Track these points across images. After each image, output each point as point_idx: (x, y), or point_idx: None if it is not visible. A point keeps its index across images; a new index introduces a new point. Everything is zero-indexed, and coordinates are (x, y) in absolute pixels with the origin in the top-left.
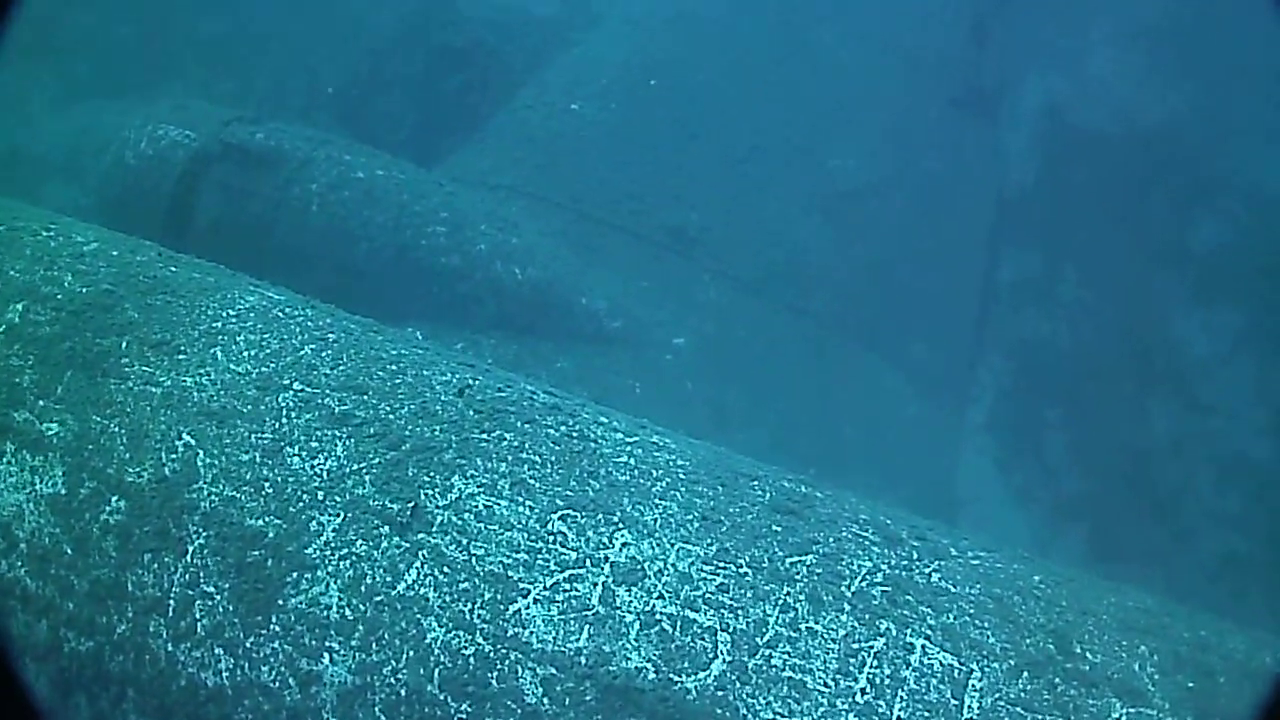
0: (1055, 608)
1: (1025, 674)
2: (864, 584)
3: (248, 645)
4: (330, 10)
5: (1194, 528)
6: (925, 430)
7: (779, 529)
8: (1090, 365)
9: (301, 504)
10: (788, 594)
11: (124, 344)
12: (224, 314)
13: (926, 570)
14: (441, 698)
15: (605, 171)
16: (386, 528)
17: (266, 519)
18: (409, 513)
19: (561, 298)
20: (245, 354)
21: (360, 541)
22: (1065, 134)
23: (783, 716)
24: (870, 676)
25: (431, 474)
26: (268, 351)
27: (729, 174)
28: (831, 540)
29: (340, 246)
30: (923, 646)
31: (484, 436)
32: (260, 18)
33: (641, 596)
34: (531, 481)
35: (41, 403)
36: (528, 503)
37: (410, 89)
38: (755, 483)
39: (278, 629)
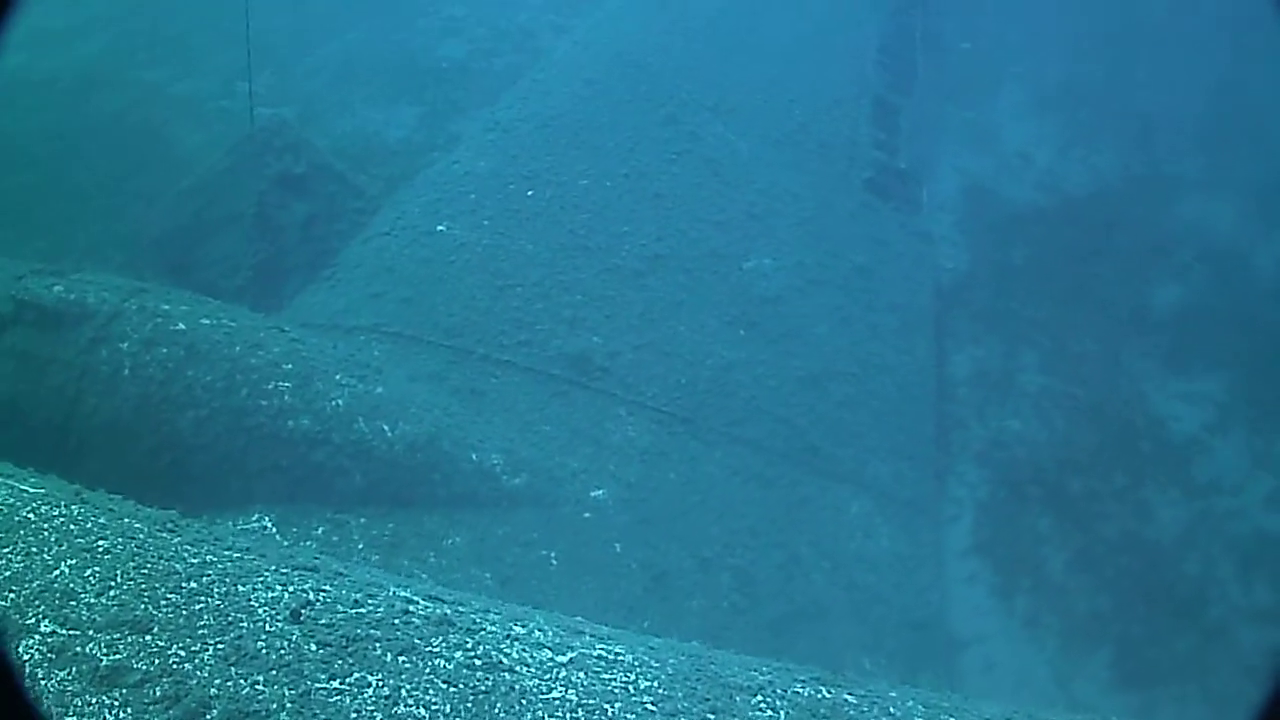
0: None
1: None
2: None
3: None
4: (154, 150)
5: (1225, 625)
6: (905, 565)
7: None
8: (1072, 460)
9: None
10: None
11: None
12: None
13: None
14: None
15: (485, 299)
16: None
17: None
18: None
19: (445, 456)
20: None
21: None
22: (994, 212)
23: None
24: None
25: None
26: (5, 576)
27: (632, 289)
28: None
29: (161, 416)
30: None
31: (334, 686)
32: (76, 167)
33: None
34: None
35: None
36: None
37: (249, 226)
38: (759, 699)
39: None
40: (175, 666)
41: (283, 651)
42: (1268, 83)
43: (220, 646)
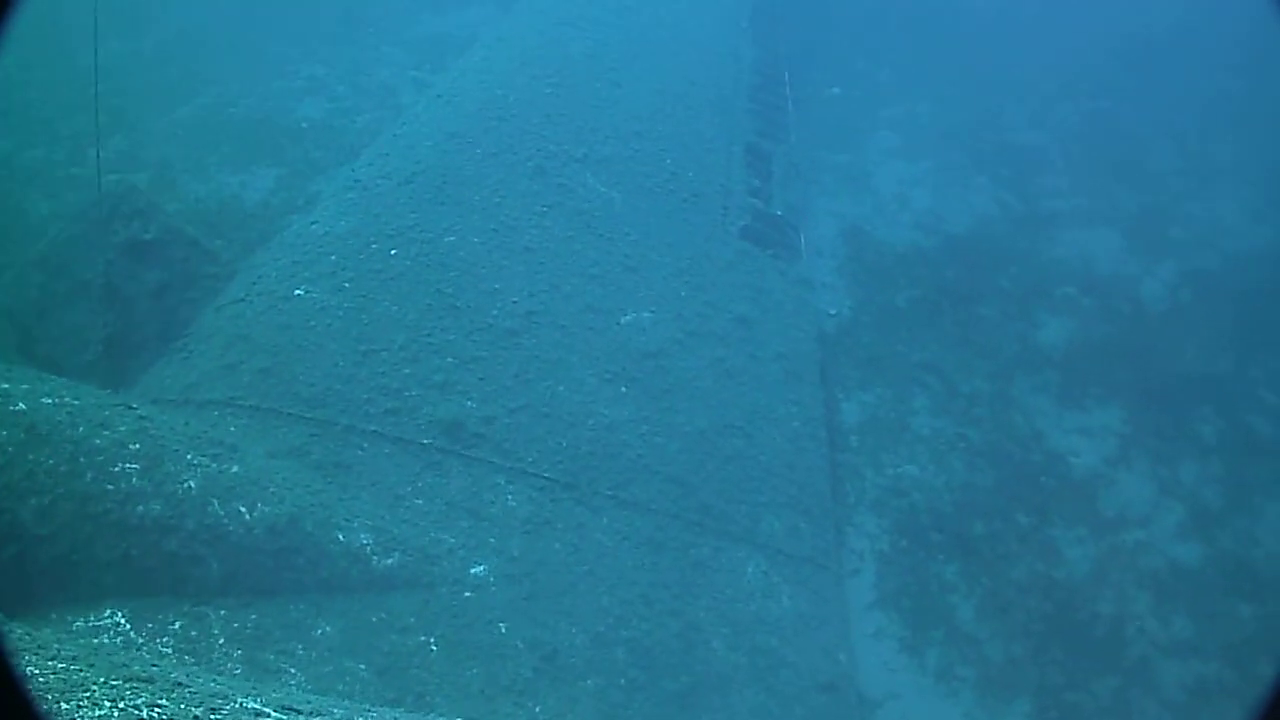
0: None
1: None
2: None
3: None
4: (1, 221)
5: (1147, 663)
6: (808, 624)
7: None
8: (973, 503)
9: None
10: None
11: None
12: None
13: None
14: None
15: (348, 366)
16: None
17: None
18: None
19: (309, 538)
20: None
21: None
22: (874, 255)
23: None
24: None
25: None
26: None
27: (505, 349)
28: None
29: (1, 504)
30: None
31: None
32: None
33: None
34: None
35: None
36: None
37: (96, 297)
38: None
39: None
40: None
41: None
42: (1137, 114)
43: None
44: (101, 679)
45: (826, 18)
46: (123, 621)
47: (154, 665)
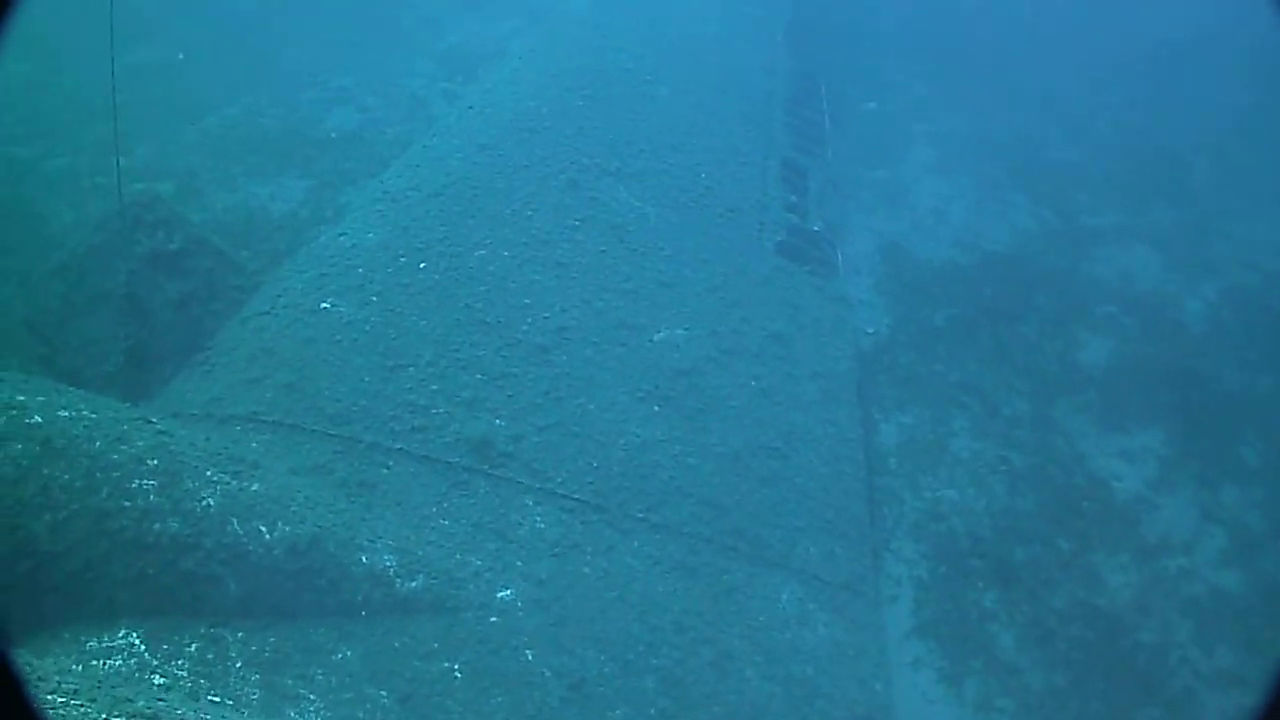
0: None
1: None
2: None
3: None
4: (25, 229)
5: (1190, 694)
6: (844, 653)
7: None
8: (1013, 528)
9: None
10: None
11: None
12: None
13: None
14: None
15: (374, 381)
16: None
17: None
18: None
19: (331, 559)
20: None
21: None
22: (912, 272)
23: None
24: None
25: None
26: None
27: (535, 366)
28: None
29: (14, 520)
30: None
31: None
32: None
33: None
34: None
35: None
36: None
37: (118, 307)
38: None
39: None
40: None
41: None
42: (1175, 128)
43: None
44: (103, 716)
45: (861, 32)
46: (137, 642)
47: (160, 700)
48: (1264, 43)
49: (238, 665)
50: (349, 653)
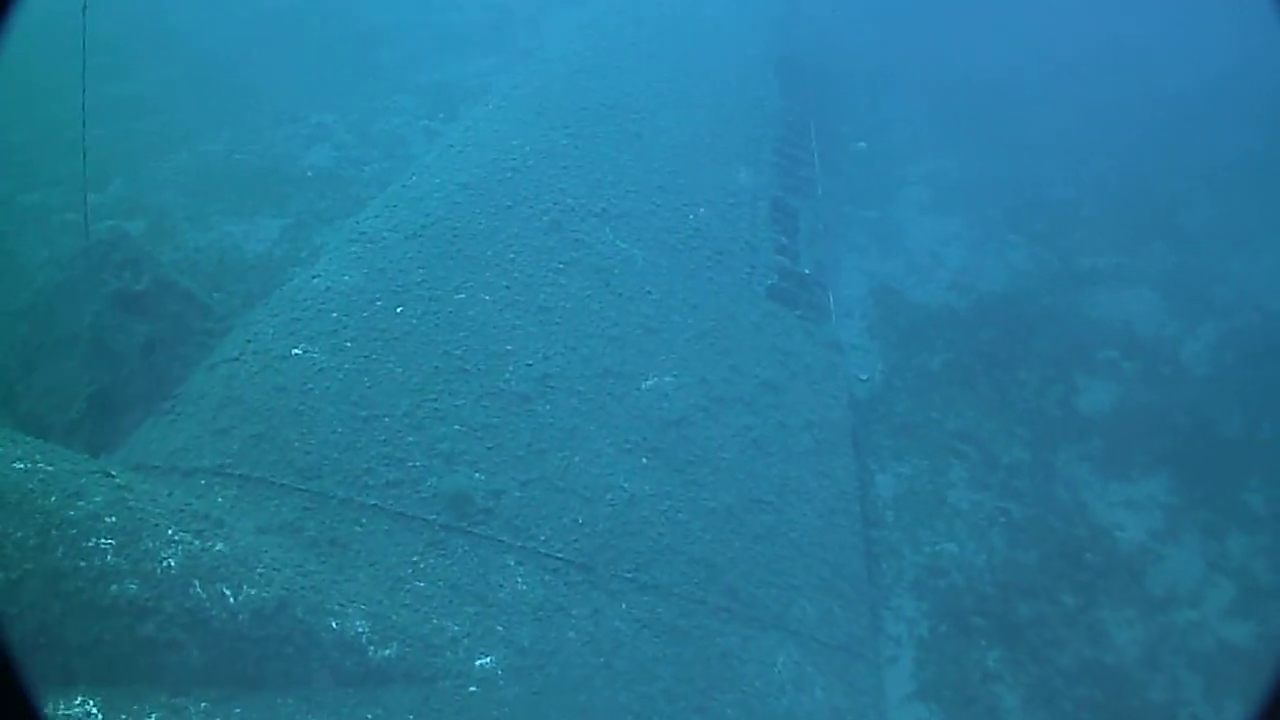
0: None
1: None
2: None
3: None
4: None
5: None
6: (843, 718)
7: None
8: (1016, 583)
9: None
10: None
11: None
12: None
13: None
14: None
15: (347, 433)
16: None
17: None
18: None
19: (300, 625)
20: None
21: None
22: (906, 316)
23: None
24: None
25: None
26: None
27: (516, 416)
28: None
29: None
30: None
31: None
32: None
33: None
34: None
35: None
36: None
37: (83, 351)
38: None
39: None
40: None
41: None
42: (1173, 169)
43: None
44: None
45: (851, 71)
46: (94, 711)
47: None
48: (1267, 89)
49: None
50: None
